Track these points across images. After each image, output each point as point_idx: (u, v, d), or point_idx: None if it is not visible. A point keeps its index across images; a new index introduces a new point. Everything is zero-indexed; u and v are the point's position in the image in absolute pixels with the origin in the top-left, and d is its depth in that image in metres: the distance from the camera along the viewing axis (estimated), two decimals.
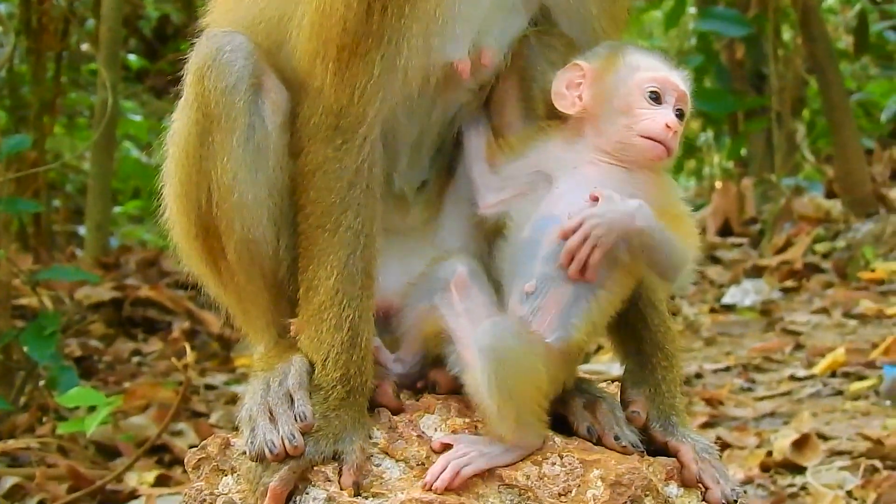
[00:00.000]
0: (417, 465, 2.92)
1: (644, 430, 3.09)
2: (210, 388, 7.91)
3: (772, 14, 11.16)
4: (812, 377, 7.18)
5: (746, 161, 13.88)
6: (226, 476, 3.02)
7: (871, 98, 14.42)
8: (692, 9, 13.67)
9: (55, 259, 9.94)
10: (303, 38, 3.01)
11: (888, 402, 6.51)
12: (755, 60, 13.05)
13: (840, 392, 6.84)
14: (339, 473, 2.88)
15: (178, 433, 6.64)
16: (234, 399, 5.80)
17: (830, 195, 11.69)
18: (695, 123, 13.46)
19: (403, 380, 3.09)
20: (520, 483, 2.88)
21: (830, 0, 15.28)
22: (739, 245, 11.32)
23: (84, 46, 12.42)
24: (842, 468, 5.56)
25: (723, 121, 13.26)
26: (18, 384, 6.69)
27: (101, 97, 9.65)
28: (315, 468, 2.89)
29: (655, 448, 3.09)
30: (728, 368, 7.66)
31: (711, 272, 10.30)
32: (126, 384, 7.71)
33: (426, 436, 2.96)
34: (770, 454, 5.77)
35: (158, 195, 3.25)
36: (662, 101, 2.99)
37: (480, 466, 2.88)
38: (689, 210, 3.08)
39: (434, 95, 3.08)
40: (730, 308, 9.35)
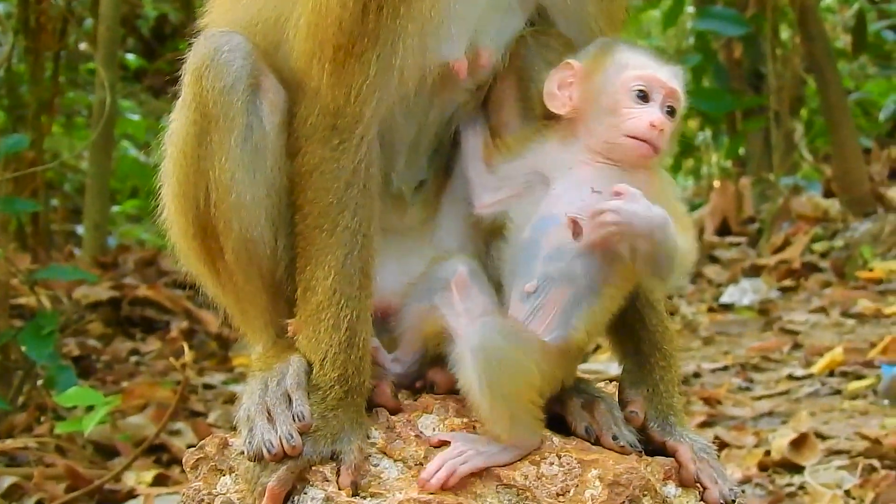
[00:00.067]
0: (416, 465, 2.92)
1: (642, 430, 3.09)
2: (208, 388, 7.91)
3: (770, 13, 11.16)
4: (810, 376, 7.18)
5: (744, 160, 13.88)
6: (224, 476, 3.01)
7: (870, 97, 14.44)
8: (690, 8, 13.67)
9: (53, 258, 9.93)
10: (299, 39, 3.01)
11: (886, 402, 6.51)
12: (753, 60, 13.06)
13: (838, 391, 6.84)
14: (338, 473, 2.88)
15: (177, 433, 6.63)
16: (233, 399, 5.80)
17: (828, 194, 11.68)
18: (693, 123, 13.46)
19: (401, 380, 3.09)
20: (518, 483, 2.88)
21: None
22: (737, 244, 11.31)
23: (82, 46, 12.43)
24: (840, 467, 5.56)
25: (721, 120, 13.25)
26: (16, 384, 6.68)
27: (100, 97, 9.67)
28: (313, 468, 2.89)
29: (653, 448, 3.09)
30: (726, 368, 7.66)
31: (709, 271, 10.30)
32: (124, 384, 7.71)
33: (424, 436, 2.96)
34: (768, 453, 5.77)
35: (156, 195, 3.25)
36: (650, 100, 2.97)
37: (476, 465, 2.87)
38: (686, 209, 3.08)
39: (431, 95, 3.08)
40: (728, 307, 9.35)
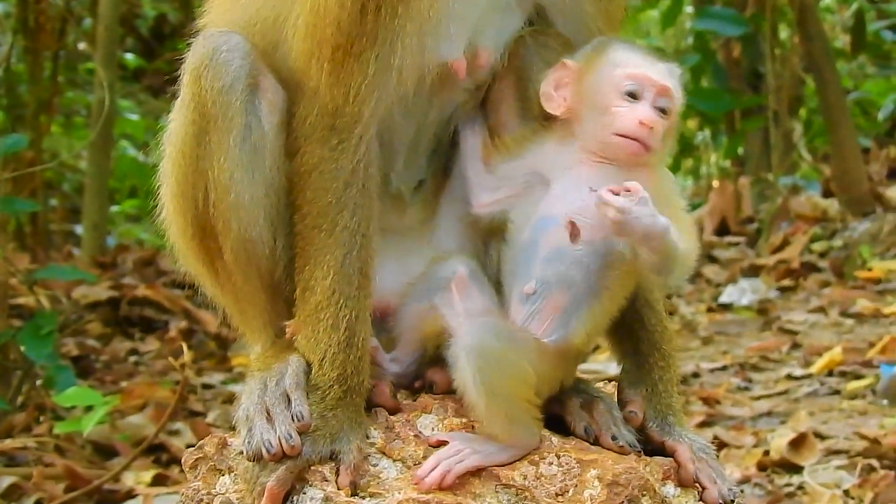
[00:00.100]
0: (414, 465, 2.91)
1: (641, 430, 3.09)
2: (207, 388, 7.91)
3: (769, 13, 11.16)
4: (809, 376, 7.18)
5: (743, 160, 13.88)
6: (223, 476, 3.01)
7: (868, 97, 14.44)
8: (689, 8, 13.67)
9: (52, 258, 9.94)
10: (298, 39, 3.01)
11: (885, 401, 6.51)
12: (752, 59, 13.05)
13: (837, 391, 6.84)
14: (337, 473, 2.88)
15: (176, 433, 6.63)
16: (232, 398, 5.81)
17: (827, 194, 11.68)
18: (692, 122, 13.46)
19: (400, 379, 3.09)
20: (517, 483, 2.88)
21: None
22: (736, 244, 11.31)
23: (81, 45, 12.44)
24: (839, 467, 5.56)
25: (720, 120, 13.25)
26: (15, 384, 6.68)
27: (98, 96, 9.68)
28: (312, 468, 2.89)
29: (652, 448, 3.09)
30: (725, 368, 7.66)
31: (708, 271, 10.30)
32: (123, 383, 7.71)
33: (423, 436, 2.96)
34: (767, 453, 5.77)
35: (155, 194, 3.24)
36: (640, 98, 2.97)
37: (473, 464, 2.87)
38: (686, 207, 3.07)
39: (430, 95, 3.08)
40: (727, 307, 9.35)
